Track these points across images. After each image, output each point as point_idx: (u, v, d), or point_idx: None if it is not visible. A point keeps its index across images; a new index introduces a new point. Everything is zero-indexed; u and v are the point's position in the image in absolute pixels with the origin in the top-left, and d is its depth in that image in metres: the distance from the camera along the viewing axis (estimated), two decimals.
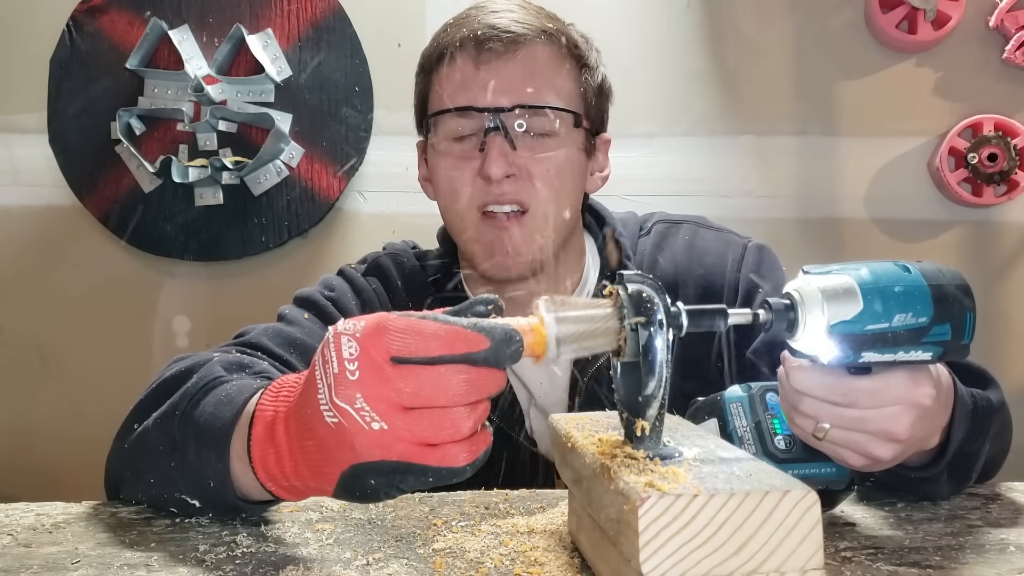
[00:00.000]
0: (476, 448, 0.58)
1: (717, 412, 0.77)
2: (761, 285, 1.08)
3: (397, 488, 0.60)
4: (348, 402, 0.57)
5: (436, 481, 0.58)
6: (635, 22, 2.09)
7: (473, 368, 0.57)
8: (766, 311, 0.65)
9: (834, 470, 0.73)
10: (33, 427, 2.11)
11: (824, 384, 0.68)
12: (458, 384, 0.57)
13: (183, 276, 2.12)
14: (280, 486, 0.67)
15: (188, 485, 0.73)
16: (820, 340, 0.64)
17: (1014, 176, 2.03)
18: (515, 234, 1.00)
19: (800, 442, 0.72)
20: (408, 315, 0.58)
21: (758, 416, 0.75)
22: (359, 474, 0.59)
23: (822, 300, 0.64)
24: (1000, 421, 0.84)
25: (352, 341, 0.58)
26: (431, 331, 0.57)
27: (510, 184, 1.00)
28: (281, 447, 0.65)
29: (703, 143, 2.11)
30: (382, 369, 0.56)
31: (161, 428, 0.75)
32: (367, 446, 0.58)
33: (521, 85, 1.00)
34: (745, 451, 0.65)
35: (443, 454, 0.57)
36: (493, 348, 0.57)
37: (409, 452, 0.57)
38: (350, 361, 0.57)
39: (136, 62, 2.02)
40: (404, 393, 0.56)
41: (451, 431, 0.57)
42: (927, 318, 0.65)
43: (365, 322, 0.58)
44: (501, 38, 1.00)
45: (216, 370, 0.79)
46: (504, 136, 0.99)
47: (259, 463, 0.67)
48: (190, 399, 0.75)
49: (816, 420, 0.69)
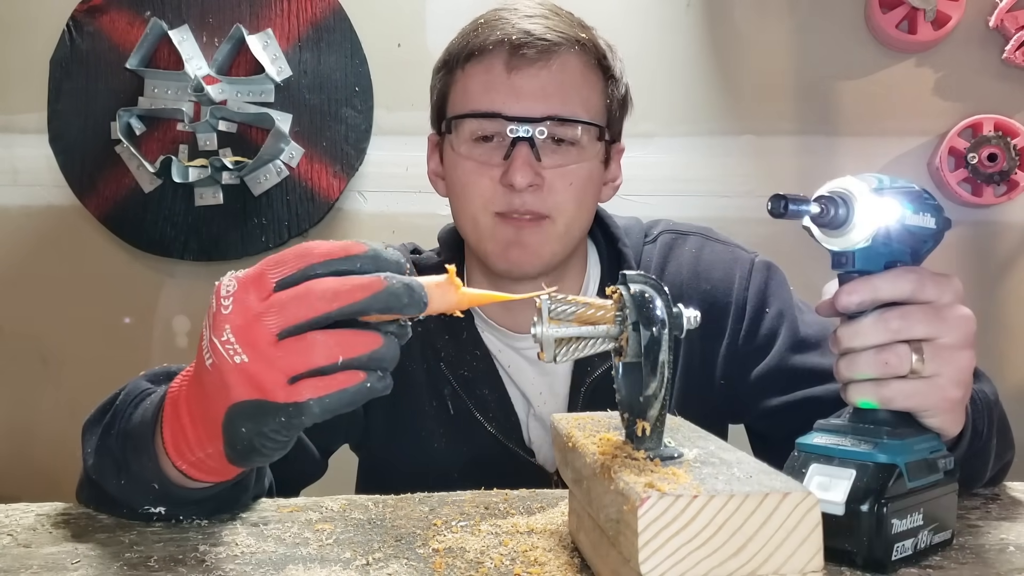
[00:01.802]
0: (326, 385, 0.56)
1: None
2: (768, 306, 1.07)
3: (265, 436, 0.58)
4: (219, 336, 0.56)
5: (288, 424, 0.57)
6: (635, 22, 2.09)
7: (346, 278, 0.56)
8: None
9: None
10: (33, 427, 2.11)
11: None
12: (322, 291, 0.55)
13: (183, 276, 2.12)
14: (190, 463, 0.66)
15: (143, 495, 0.72)
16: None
17: (1014, 176, 2.03)
18: (533, 233, 1.00)
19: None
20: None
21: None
22: (232, 421, 0.58)
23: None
24: (999, 413, 0.84)
25: (232, 280, 0.58)
26: (306, 248, 0.57)
27: (531, 194, 0.98)
28: (183, 416, 0.65)
29: (703, 143, 2.12)
30: (254, 301, 0.56)
31: (105, 451, 0.75)
32: (233, 383, 0.57)
33: (552, 95, 0.99)
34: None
35: (291, 390, 0.56)
36: (372, 252, 0.57)
37: (267, 389, 0.56)
38: (226, 297, 0.57)
39: (136, 62, 2.02)
40: (270, 317, 0.55)
41: (305, 357, 0.55)
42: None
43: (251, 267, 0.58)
44: (536, 45, 0.98)
45: (141, 384, 0.78)
46: (530, 146, 0.98)
47: (171, 445, 0.67)
48: (121, 415, 0.74)
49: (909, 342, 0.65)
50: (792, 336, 1.04)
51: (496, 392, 1.06)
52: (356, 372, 0.57)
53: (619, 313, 0.58)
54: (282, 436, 0.59)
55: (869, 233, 0.64)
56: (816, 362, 1.02)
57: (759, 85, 2.11)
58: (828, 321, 0.81)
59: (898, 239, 0.66)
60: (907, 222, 0.66)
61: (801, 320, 1.06)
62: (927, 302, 0.65)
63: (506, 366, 1.08)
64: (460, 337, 1.07)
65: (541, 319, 0.57)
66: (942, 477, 0.67)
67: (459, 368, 1.07)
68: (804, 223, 0.66)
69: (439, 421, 1.07)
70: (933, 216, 0.69)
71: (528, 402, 1.08)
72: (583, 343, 0.58)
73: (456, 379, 1.06)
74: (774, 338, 1.05)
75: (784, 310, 1.06)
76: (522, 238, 1.00)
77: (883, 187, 0.65)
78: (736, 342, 1.06)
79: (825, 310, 0.69)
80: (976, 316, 0.68)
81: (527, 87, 0.98)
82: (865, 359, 0.65)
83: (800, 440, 0.68)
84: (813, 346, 1.03)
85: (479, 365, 1.07)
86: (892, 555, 0.62)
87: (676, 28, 2.11)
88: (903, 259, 0.67)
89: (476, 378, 1.06)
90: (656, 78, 2.09)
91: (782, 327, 1.05)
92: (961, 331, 0.66)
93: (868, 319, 0.65)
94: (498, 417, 1.06)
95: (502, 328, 1.08)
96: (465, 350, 1.07)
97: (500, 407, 1.06)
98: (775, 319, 1.06)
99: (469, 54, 1.01)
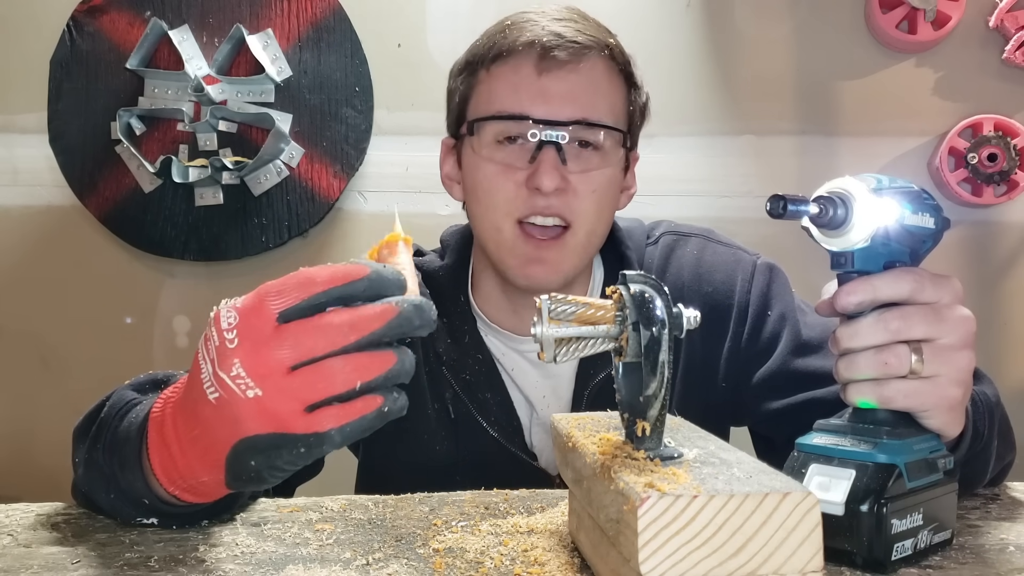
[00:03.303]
0: (346, 413, 0.56)
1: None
2: (771, 309, 1.07)
3: (277, 468, 0.58)
4: (227, 371, 0.56)
5: (308, 454, 0.57)
6: (635, 22, 2.09)
7: (355, 309, 0.56)
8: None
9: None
10: (33, 427, 2.11)
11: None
12: (339, 324, 0.55)
13: (183, 276, 2.12)
14: (180, 487, 0.66)
15: (133, 509, 0.72)
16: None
17: (1014, 176, 2.04)
18: (553, 249, 0.99)
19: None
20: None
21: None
22: (239, 454, 0.57)
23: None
24: (1000, 415, 0.84)
25: (231, 311, 0.57)
26: (307, 276, 0.56)
27: (557, 197, 0.97)
28: (171, 444, 0.64)
29: (703, 143, 2.12)
30: (261, 332, 0.55)
31: (92, 465, 0.74)
32: (245, 418, 0.56)
33: (581, 99, 0.98)
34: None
35: (311, 420, 0.55)
36: (375, 274, 0.57)
37: (284, 421, 0.55)
38: (228, 331, 0.56)
39: (136, 62, 2.02)
40: (284, 350, 0.55)
41: (324, 385, 0.55)
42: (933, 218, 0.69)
43: (247, 295, 0.58)
44: (567, 48, 0.97)
45: (127, 394, 0.77)
46: (558, 150, 0.97)
47: (160, 470, 0.66)
48: (107, 428, 0.73)
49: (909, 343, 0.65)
50: (794, 339, 1.04)
51: (498, 395, 1.06)
52: (374, 397, 0.57)
53: (619, 313, 0.58)
54: (294, 466, 0.58)
55: (868, 233, 0.64)
56: (819, 365, 1.01)
57: (759, 85, 2.11)
58: (830, 322, 0.80)
59: (897, 239, 0.66)
60: (906, 222, 0.66)
61: (803, 322, 1.05)
62: (927, 303, 0.65)
63: (509, 369, 1.08)
64: (462, 340, 1.07)
65: (541, 319, 0.57)
66: (942, 477, 0.67)
67: (461, 372, 1.06)
68: (803, 223, 0.66)
69: (441, 424, 1.07)
70: (932, 216, 0.69)
71: (531, 405, 1.07)
72: (583, 343, 0.58)
73: (458, 383, 1.06)
74: (776, 341, 1.05)
75: (786, 313, 1.06)
76: (542, 255, 0.99)
77: (882, 187, 0.65)
78: (738, 345, 1.06)
79: (824, 310, 0.69)
80: (976, 316, 0.68)
81: (556, 89, 0.98)
82: (865, 359, 0.65)
83: (800, 440, 0.68)
84: (815, 349, 1.03)
85: (481, 368, 1.06)
86: (892, 555, 0.62)
87: (676, 28, 2.11)
88: (902, 259, 0.67)
89: (478, 381, 1.06)
90: (656, 78, 2.07)
91: (784, 330, 1.05)
92: (961, 331, 0.66)
93: (867, 319, 0.65)
94: (500, 421, 1.05)
95: (505, 331, 1.08)
96: (467, 353, 1.07)
97: (502, 410, 1.06)
98: (777, 322, 1.05)
99: (496, 55, 1.00)
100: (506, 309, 1.08)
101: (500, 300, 1.09)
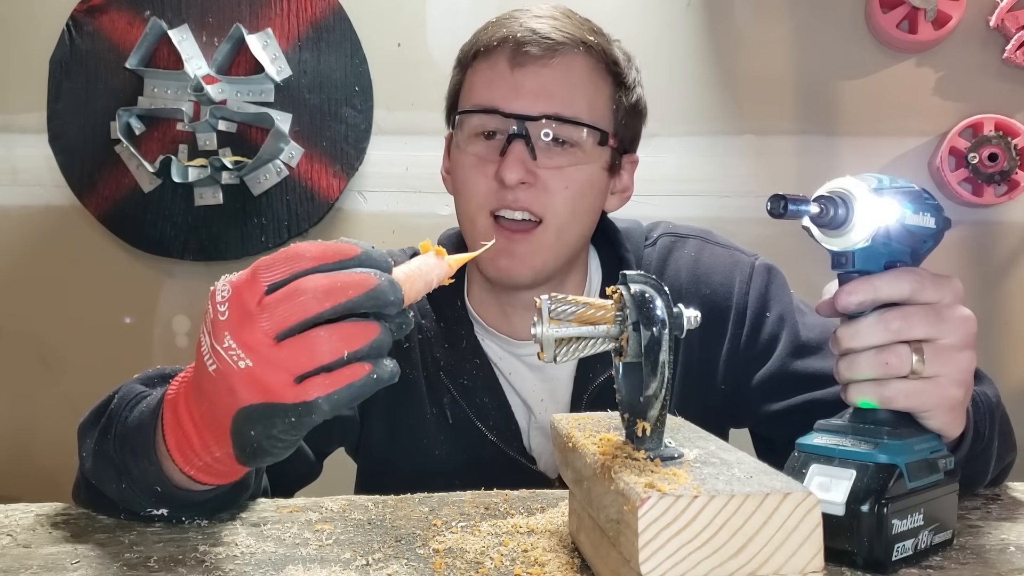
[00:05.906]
0: (333, 382, 0.56)
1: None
2: (769, 310, 1.06)
3: (275, 438, 0.58)
4: (220, 343, 0.57)
5: (299, 423, 0.57)
6: (635, 22, 2.09)
7: (334, 275, 0.56)
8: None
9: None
10: (33, 427, 2.11)
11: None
12: (313, 289, 0.55)
13: (183, 276, 2.12)
14: (197, 467, 0.66)
15: (145, 498, 0.72)
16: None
17: (1014, 176, 2.04)
18: (523, 243, 0.99)
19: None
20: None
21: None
22: (240, 424, 0.58)
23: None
24: (1001, 415, 0.84)
25: (227, 286, 0.58)
26: (297, 251, 0.57)
27: (524, 191, 0.98)
28: (185, 423, 0.64)
29: (703, 143, 2.12)
30: (248, 304, 0.56)
31: (102, 456, 0.74)
32: (239, 388, 0.57)
33: (552, 94, 0.98)
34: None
35: (299, 389, 0.56)
36: (364, 254, 0.57)
37: (274, 391, 0.56)
38: (222, 303, 0.57)
39: (136, 62, 2.02)
40: (269, 322, 0.55)
41: (310, 355, 0.55)
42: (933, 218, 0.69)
43: (244, 270, 0.59)
44: (540, 43, 0.98)
45: (135, 387, 0.78)
46: (526, 144, 0.97)
47: (176, 451, 0.66)
48: (117, 419, 0.74)
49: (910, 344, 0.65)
50: (793, 340, 1.04)
51: (496, 400, 1.06)
52: (362, 365, 0.57)
53: (619, 313, 0.58)
54: (291, 436, 0.59)
55: (869, 233, 0.64)
56: (818, 366, 1.01)
57: (759, 85, 2.11)
58: (829, 322, 0.80)
59: (898, 239, 0.66)
60: (907, 222, 0.66)
61: (802, 323, 1.05)
62: (927, 303, 0.65)
63: (507, 373, 1.08)
64: (460, 346, 1.07)
65: (541, 319, 0.57)
66: (942, 477, 0.67)
67: (459, 377, 1.06)
68: (804, 223, 0.66)
69: (439, 429, 1.07)
70: (933, 216, 0.69)
71: (529, 409, 1.07)
72: (583, 343, 0.57)
73: (455, 388, 1.06)
74: (775, 343, 1.04)
75: (785, 314, 1.06)
76: (512, 247, 0.99)
77: (883, 187, 0.65)
78: (737, 347, 1.06)
79: (825, 310, 0.69)
80: (976, 316, 0.68)
81: (527, 84, 0.98)
82: (865, 359, 0.65)
83: (800, 440, 0.68)
84: (815, 350, 1.03)
85: (479, 373, 1.06)
86: (892, 555, 0.62)
87: (676, 28, 2.11)
88: (903, 259, 0.67)
89: (476, 386, 1.06)
90: (656, 78, 2.07)
91: (783, 331, 1.04)
92: (961, 332, 0.66)
93: (868, 319, 0.65)
94: (498, 425, 1.05)
95: (503, 335, 1.08)
96: (465, 358, 1.07)
97: (500, 415, 1.05)
98: (776, 323, 1.05)
99: (476, 52, 1.02)
100: (497, 312, 1.08)
101: (491, 303, 1.09)
